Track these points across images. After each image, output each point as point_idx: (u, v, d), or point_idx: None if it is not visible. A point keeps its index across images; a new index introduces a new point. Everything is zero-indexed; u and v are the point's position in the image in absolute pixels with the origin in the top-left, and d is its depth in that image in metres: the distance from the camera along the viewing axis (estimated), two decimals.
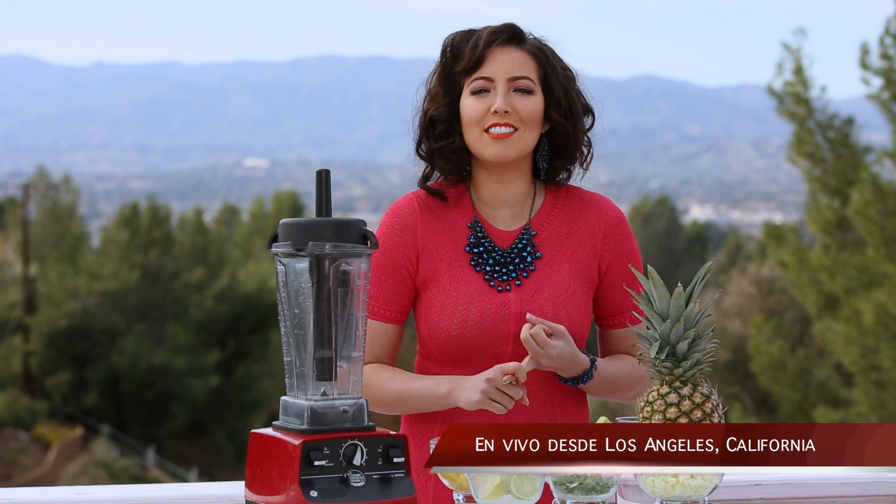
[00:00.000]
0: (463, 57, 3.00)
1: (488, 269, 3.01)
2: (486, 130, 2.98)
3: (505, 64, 2.98)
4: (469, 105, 2.99)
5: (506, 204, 3.06)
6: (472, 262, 3.02)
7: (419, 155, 3.09)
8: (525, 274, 3.01)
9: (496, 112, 2.96)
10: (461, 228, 3.05)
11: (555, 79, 3.01)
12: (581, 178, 3.13)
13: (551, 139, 3.05)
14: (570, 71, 3.06)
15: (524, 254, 3.02)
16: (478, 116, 2.98)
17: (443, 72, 3.04)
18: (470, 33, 3.03)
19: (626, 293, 3.03)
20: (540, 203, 3.08)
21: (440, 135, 3.04)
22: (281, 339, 2.55)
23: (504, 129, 2.97)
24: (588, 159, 3.09)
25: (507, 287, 2.99)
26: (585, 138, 3.08)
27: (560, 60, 3.05)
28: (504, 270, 3.01)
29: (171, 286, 37.12)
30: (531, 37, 3.05)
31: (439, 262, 3.03)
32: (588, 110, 3.08)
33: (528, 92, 2.98)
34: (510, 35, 3.01)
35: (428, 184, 3.08)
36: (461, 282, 3.00)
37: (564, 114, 3.02)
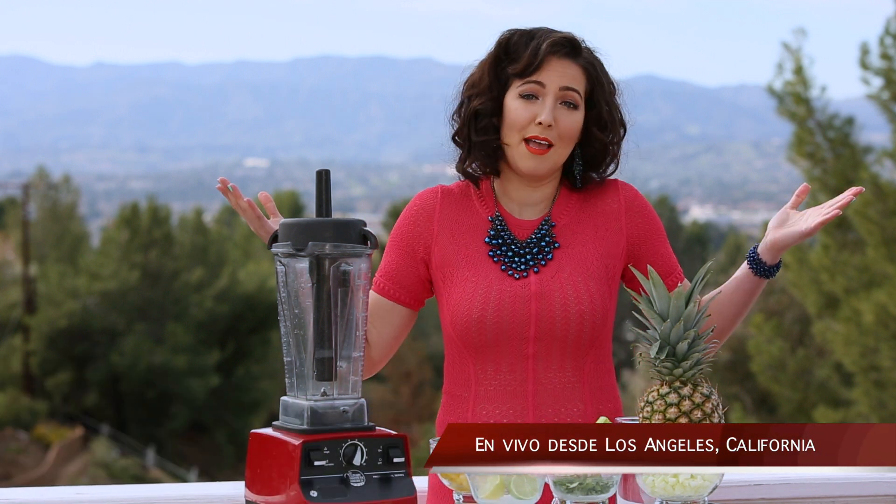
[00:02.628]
0: (519, 59, 3.02)
1: (506, 259, 3.03)
2: (526, 140, 3.00)
3: (559, 75, 3.00)
4: (515, 108, 3.01)
5: (531, 202, 3.10)
6: (490, 254, 3.03)
7: (454, 141, 3.11)
8: (543, 262, 3.03)
9: (540, 124, 2.98)
10: (482, 221, 3.07)
11: (601, 95, 3.04)
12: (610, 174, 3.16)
13: (585, 150, 3.08)
14: (614, 85, 3.10)
15: (542, 244, 3.05)
16: (521, 123, 2.99)
17: (494, 64, 3.05)
18: (529, 35, 3.04)
19: (668, 255, 3.10)
20: (558, 194, 3.12)
21: (481, 129, 3.05)
22: (281, 339, 2.56)
23: (542, 143, 2.99)
24: (616, 164, 3.13)
25: (525, 274, 3.01)
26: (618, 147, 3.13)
27: (606, 74, 3.08)
28: (522, 261, 3.03)
29: (171, 286, 37.11)
30: (584, 46, 3.07)
31: (457, 252, 3.05)
32: (623, 124, 3.11)
33: (574, 107, 3.01)
34: (570, 49, 3.03)
35: (465, 167, 3.10)
36: (479, 269, 3.01)
37: (605, 130, 3.06)
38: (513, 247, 3.04)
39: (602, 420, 2.61)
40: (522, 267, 3.02)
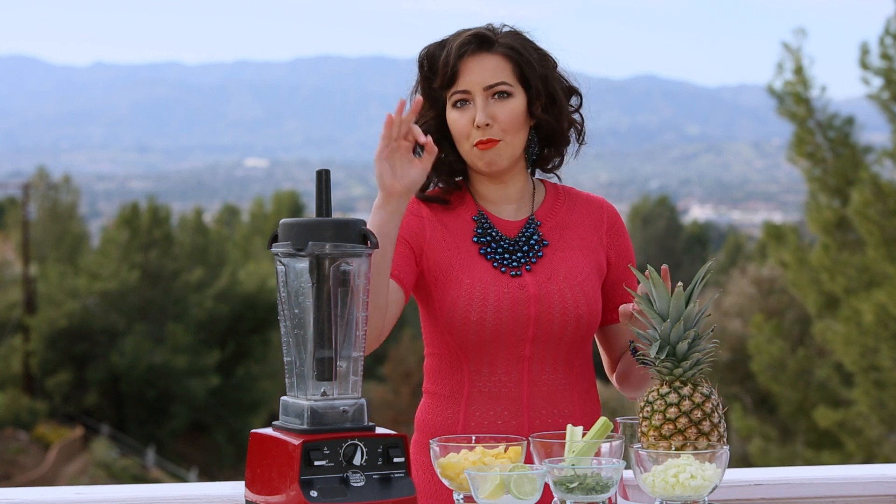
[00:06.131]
0: (437, 72, 3.02)
1: (497, 256, 3.02)
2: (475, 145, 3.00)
3: (478, 74, 2.99)
4: (455, 119, 3.01)
5: (508, 200, 3.09)
6: (481, 252, 3.02)
7: None
8: (534, 260, 3.03)
9: (478, 127, 2.97)
10: (467, 222, 3.07)
11: (532, 73, 3.01)
12: (577, 155, 3.13)
13: (539, 130, 3.07)
14: (549, 58, 3.06)
15: (531, 241, 3.04)
16: (464, 131, 3.00)
17: (424, 85, 3.06)
18: (441, 45, 3.04)
19: (630, 287, 3.06)
20: (541, 198, 3.12)
21: None
22: (281, 339, 2.56)
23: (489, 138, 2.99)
24: (582, 135, 3.11)
25: (519, 272, 3.01)
26: (578, 116, 3.10)
27: (536, 51, 3.04)
28: (513, 257, 3.02)
29: (171, 286, 37.12)
30: (504, 30, 3.05)
31: (448, 255, 3.02)
32: (572, 92, 3.09)
33: (507, 95, 2.99)
34: (479, 43, 3.01)
35: (426, 193, 3.09)
36: (472, 270, 3.00)
37: (546, 107, 3.03)
38: (502, 243, 3.03)
39: (602, 420, 2.61)
40: (515, 264, 3.01)
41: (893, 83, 18.17)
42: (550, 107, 3.04)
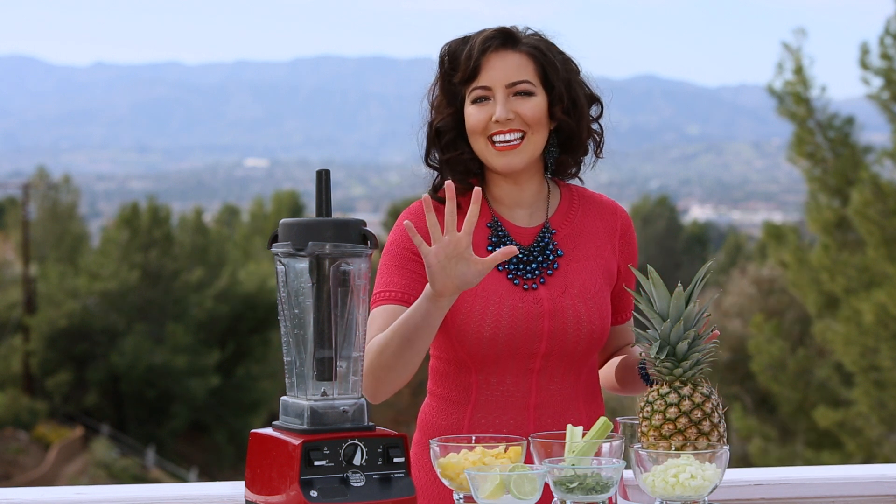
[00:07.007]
0: (459, 67, 2.98)
1: (511, 267, 2.98)
2: (491, 139, 2.95)
3: (501, 70, 2.95)
4: (471, 115, 2.97)
5: (522, 204, 3.05)
6: None
7: (429, 165, 3.06)
8: (549, 271, 2.99)
9: (497, 121, 2.93)
10: (480, 229, 3.02)
11: (555, 75, 2.98)
12: (593, 166, 3.11)
13: (558, 134, 3.04)
14: (572, 63, 3.03)
15: (546, 251, 3.01)
16: (480, 126, 2.96)
17: (443, 81, 3.02)
18: (464, 41, 3.00)
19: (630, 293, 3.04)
20: (556, 202, 3.08)
21: (447, 146, 3.01)
22: (281, 339, 2.55)
23: (509, 137, 2.95)
24: (600, 147, 3.08)
25: (534, 285, 2.97)
26: (597, 126, 3.07)
27: (560, 54, 3.01)
28: (528, 269, 2.98)
29: (171, 286, 37.12)
30: (528, 33, 3.02)
31: None
32: (594, 100, 3.06)
33: (529, 94, 2.95)
34: (503, 40, 2.97)
35: (438, 194, 3.03)
36: (487, 282, 2.95)
37: (567, 110, 2.99)
38: (517, 254, 2.98)
39: (602, 420, 2.61)
40: (529, 276, 2.97)
41: (893, 83, 18.16)
42: (572, 111, 3.00)
